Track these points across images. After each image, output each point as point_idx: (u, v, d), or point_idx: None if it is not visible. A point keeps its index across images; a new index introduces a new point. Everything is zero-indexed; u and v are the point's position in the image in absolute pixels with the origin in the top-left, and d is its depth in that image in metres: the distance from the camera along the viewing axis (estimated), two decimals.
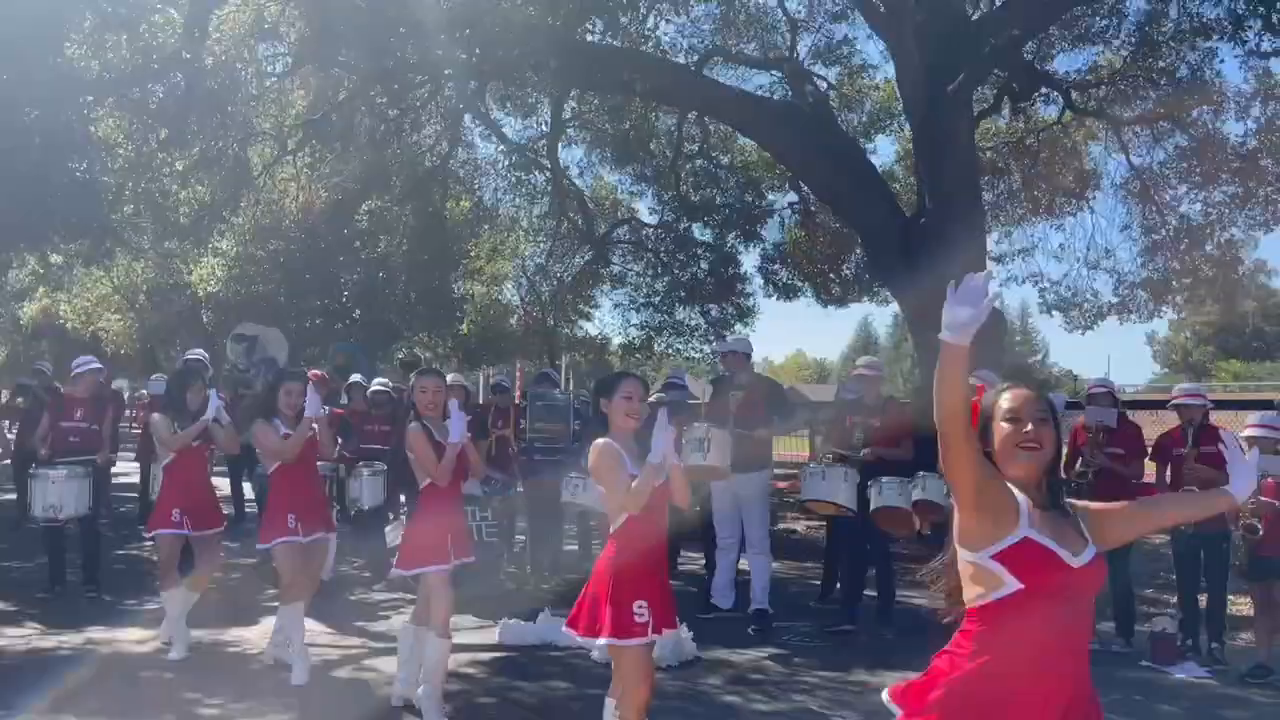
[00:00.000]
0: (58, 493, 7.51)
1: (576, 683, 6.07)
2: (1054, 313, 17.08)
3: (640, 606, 3.91)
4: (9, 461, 10.42)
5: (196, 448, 6.73)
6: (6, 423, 12.55)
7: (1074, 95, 15.31)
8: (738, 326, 20.39)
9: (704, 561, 8.82)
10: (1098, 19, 14.29)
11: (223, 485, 10.56)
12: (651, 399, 8.53)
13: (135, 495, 13.19)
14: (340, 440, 8.68)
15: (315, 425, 6.05)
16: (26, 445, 9.36)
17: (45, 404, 9.41)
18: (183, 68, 12.69)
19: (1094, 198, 16.85)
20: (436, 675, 5.25)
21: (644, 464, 3.95)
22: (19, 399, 11.80)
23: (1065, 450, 7.80)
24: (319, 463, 6.61)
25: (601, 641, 3.92)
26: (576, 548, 10.19)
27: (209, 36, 13.10)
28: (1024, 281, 17.81)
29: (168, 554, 6.54)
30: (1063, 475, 7.84)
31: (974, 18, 13.38)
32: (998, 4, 14.12)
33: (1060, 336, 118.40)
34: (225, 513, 7.53)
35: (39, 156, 10.87)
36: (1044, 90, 15.38)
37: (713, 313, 20.88)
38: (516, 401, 10.96)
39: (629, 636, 3.90)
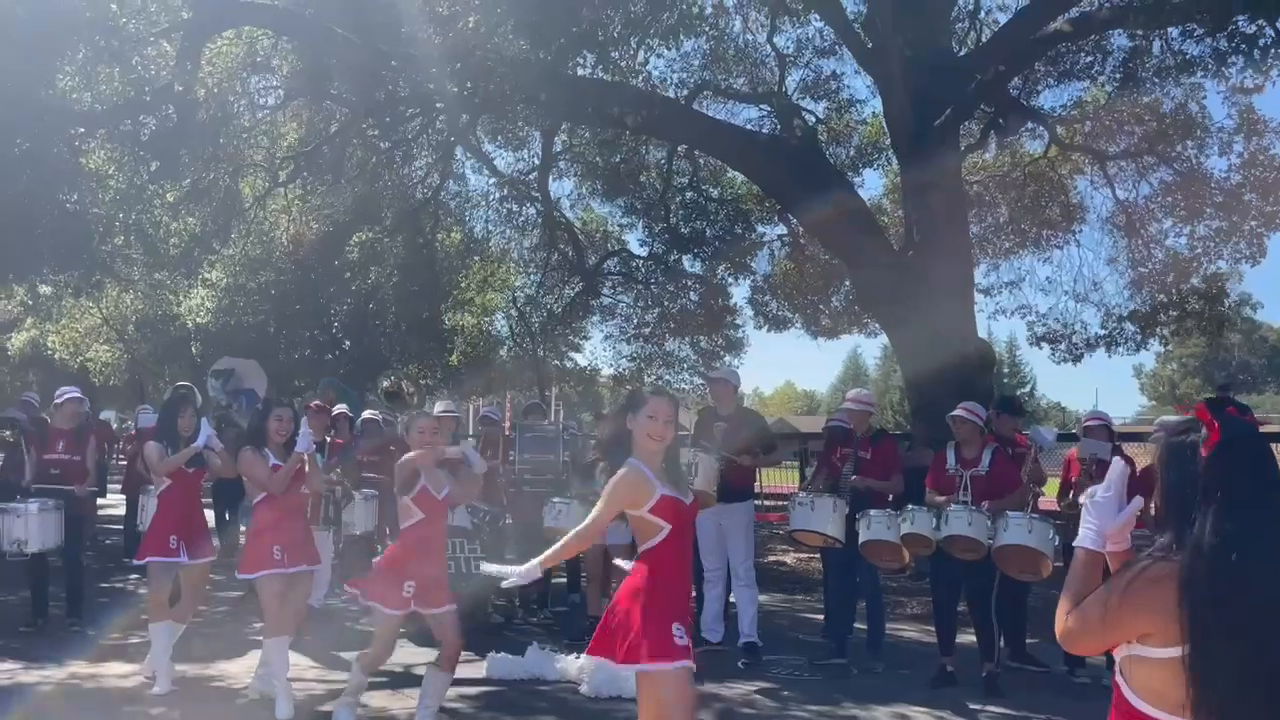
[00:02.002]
0: (23, 527, 7.40)
1: (565, 718, 6.01)
2: (1043, 345, 17.19)
3: (679, 629, 3.70)
4: None
5: (190, 475, 6.67)
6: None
7: (1060, 130, 15.49)
8: (727, 358, 20.44)
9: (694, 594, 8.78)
10: (1083, 55, 14.50)
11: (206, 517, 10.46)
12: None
13: (120, 528, 13.09)
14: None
15: (305, 459, 6.04)
16: (10, 478, 9.26)
17: (30, 436, 9.34)
18: (175, 100, 12.74)
19: (1080, 231, 17.04)
20: (433, 703, 5.53)
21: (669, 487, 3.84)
22: (5, 432, 11.71)
23: (1059, 482, 7.84)
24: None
25: (648, 667, 3.62)
26: (565, 580, 10.14)
27: (201, 69, 13.17)
28: (1011, 314, 17.94)
29: (159, 583, 6.48)
30: (1057, 506, 7.90)
31: (960, 54, 13.56)
32: (984, 40, 14.32)
33: (1048, 368, 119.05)
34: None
35: (29, 188, 10.88)
36: (1030, 125, 15.55)
37: (702, 344, 20.93)
38: (506, 433, 10.93)
39: (672, 660, 3.65)
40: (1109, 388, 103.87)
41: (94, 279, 14.59)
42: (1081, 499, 2.42)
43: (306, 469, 6.13)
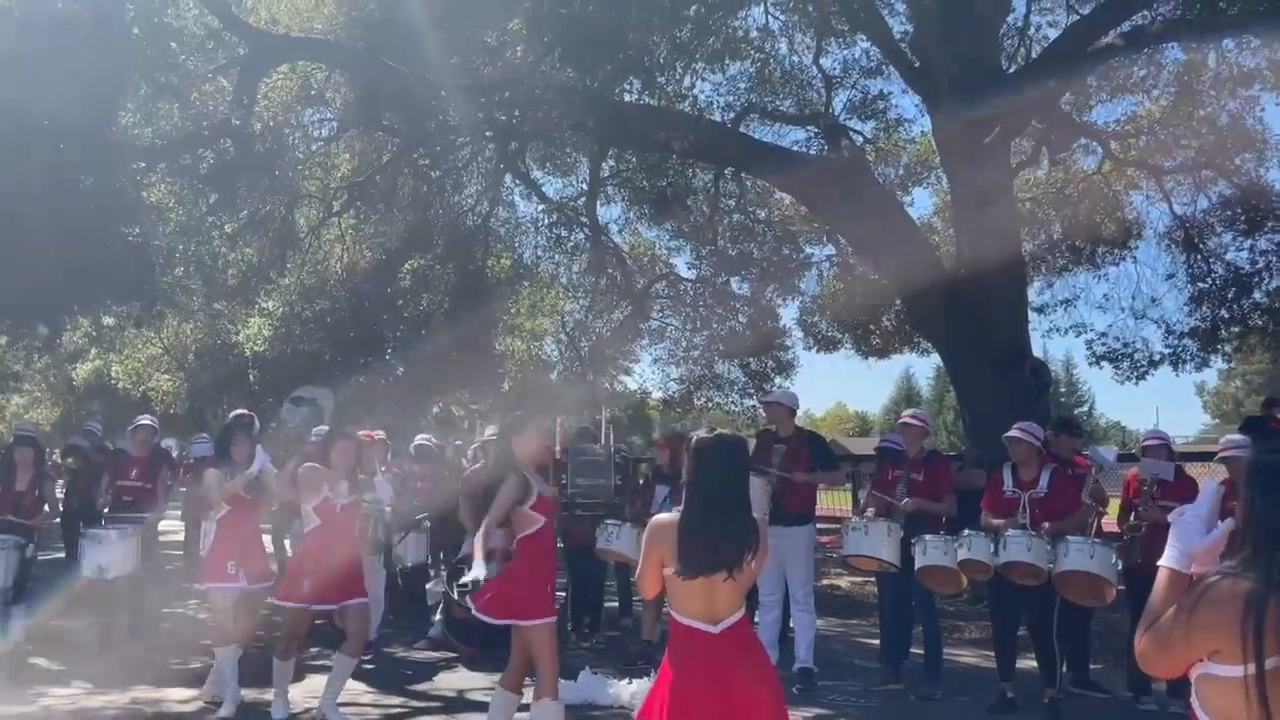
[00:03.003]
0: (107, 553, 7.54)
1: None
2: (1104, 364, 16.88)
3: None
4: (58, 520, 10.56)
5: (248, 502, 6.78)
6: (58, 483, 12.76)
7: (1114, 145, 15.27)
8: (777, 379, 20.32)
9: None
10: (1136, 69, 14.30)
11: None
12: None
13: (180, 553, 13.32)
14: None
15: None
16: (76, 505, 9.48)
17: (94, 464, 9.56)
18: (232, 134, 13.05)
19: (1137, 247, 16.72)
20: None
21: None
22: (69, 459, 12.00)
23: (1119, 503, 7.67)
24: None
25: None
26: (617, 604, 10.12)
27: (257, 103, 13.49)
28: (1067, 332, 17.64)
29: (221, 609, 6.59)
30: (1118, 527, 7.73)
31: (1010, 70, 13.44)
32: (1034, 56, 14.19)
33: (1106, 387, 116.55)
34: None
35: (93, 222, 11.17)
36: (1083, 140, 15.35)
37: (752, 366, 20.84)
38: (558, 457, 10.96)
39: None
40: (1170, 406, 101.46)
41: (155, 309, 14.95)
42: (1169, 517, 2.39)
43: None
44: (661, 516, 3.65)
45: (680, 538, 3.43)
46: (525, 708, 5.29)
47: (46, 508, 8.61)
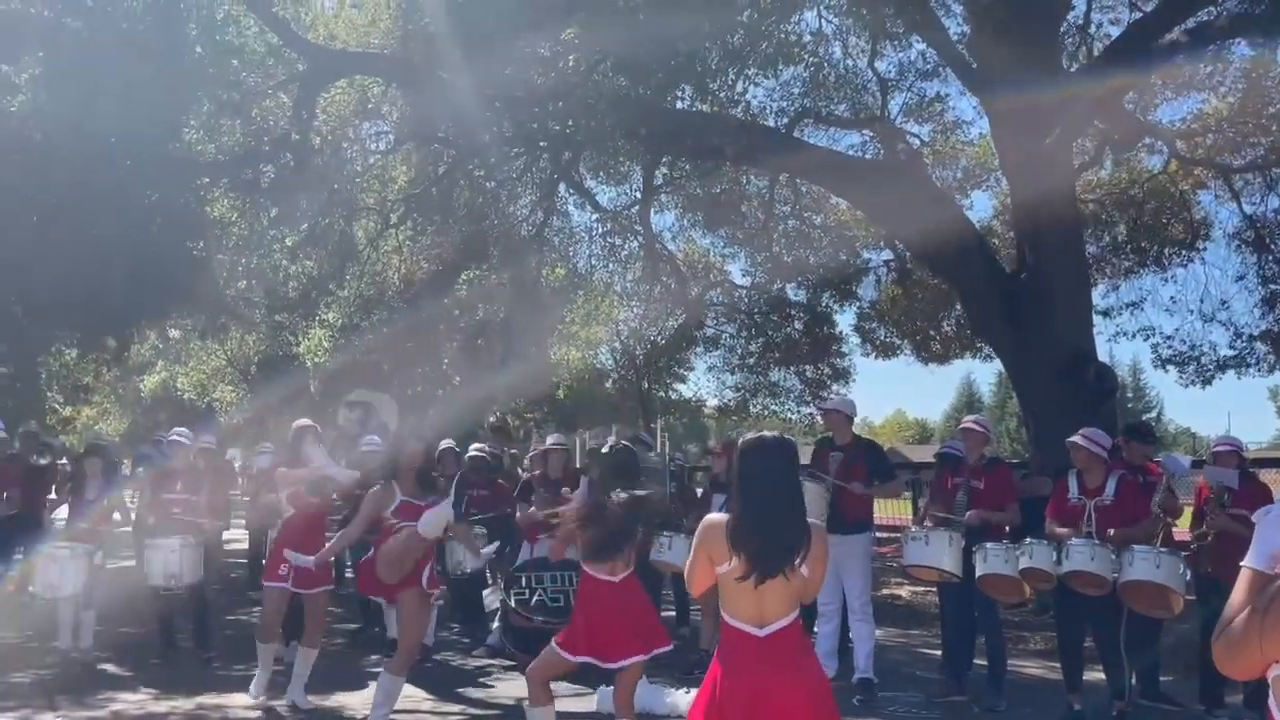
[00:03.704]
0: (177, 562, 7.67)
1: None
2: (1169, 368, 16.49)
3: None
4: (129, 529, 10.80)
5: (312, 505, 6.91)
6: (129, 492, 13.06)
7: (1179, 144, 14.91)
8: (835, 386, 20.15)
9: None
10: (1202, 66, 13.95)
11: None
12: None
13: (244, 561, 13.56)
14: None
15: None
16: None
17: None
18: (292, 148, 13.30)
19: (1205, 248, 16.32)
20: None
21: None
22: (139, 469, 12.28)
23: (1192, 510, 7.46)
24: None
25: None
26: (674, 613, 10.07)
27: (316, 118, 13.73)
28: (1134, 336, 17.26)
29: (271, 606, 6.83)
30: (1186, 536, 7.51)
31: (1071, 69, 13.19)
32: (1095, 55, 13.91)
33: (1176, 392, 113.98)
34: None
35: (159, 237, 11.46)
36: (1147, 140, 15.01)
37: (808, 373, 20.70)
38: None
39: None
40: (1242, 411, 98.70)
41: (219, 322, 15.29)
42: (1254, 517, 2.31)
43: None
44: (712, 516, 3.63)
45: (729, 540, 3.41)
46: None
47: (116, 516, 8.81)
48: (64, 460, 11.06)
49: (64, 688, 7.25)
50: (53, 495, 9.41)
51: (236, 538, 14.41)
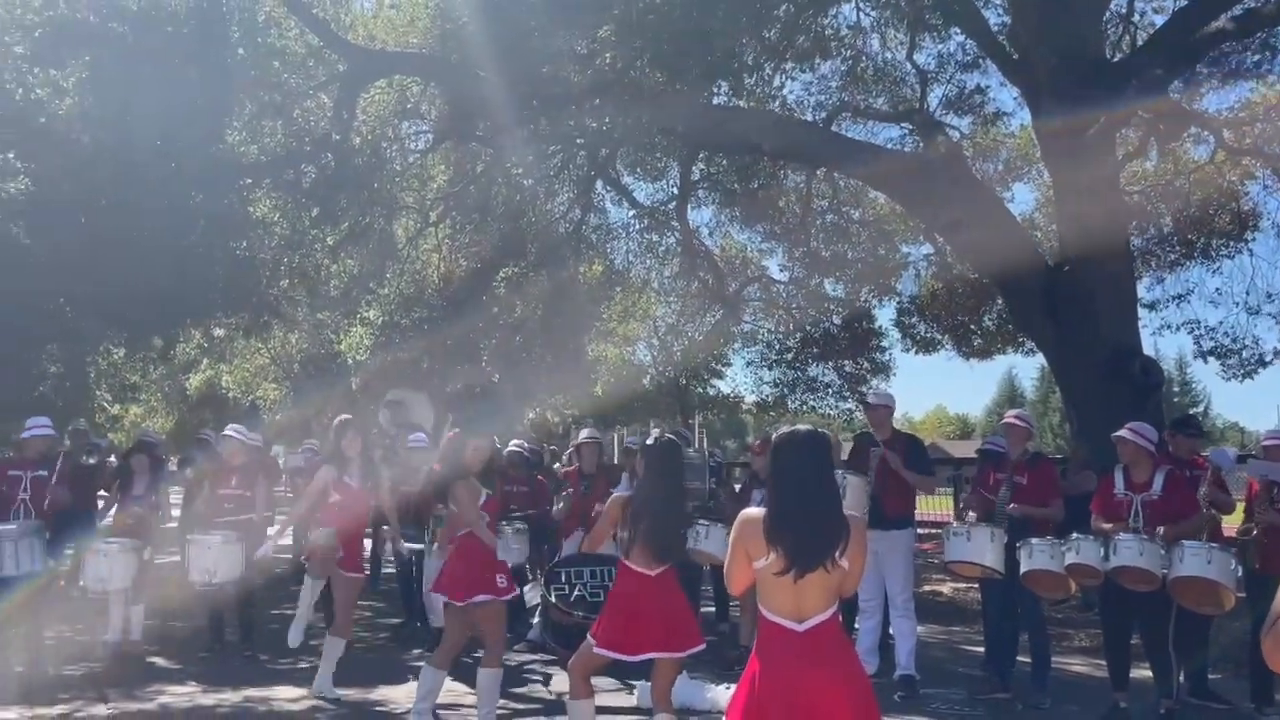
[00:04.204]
0: (213, 558, 7.77)
1: None
2: (1210, 359, 16.21)
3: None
4: (174, 525, 10.99)
5: (354, 492, 7.05)
6: (175, 488, 13.27)
7: (1226, 134, 14.63)
8: (874, 381, 20.00)
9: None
10: (1249, 54, 13.67)
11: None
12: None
13: (288, 557, 13.72)
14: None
15: None
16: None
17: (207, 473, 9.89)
18: (332, 148, 13.44)
19: (1253, 239, 16.00)
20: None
21: None
22: (187, 470, 12.47)
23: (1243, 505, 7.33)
24: None
25: None
26: (714, 608, 10.07)
27: (356, 118, 13.85)
28: (1179, 329, 16.99)
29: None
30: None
31: (1114, 59, 13.00)
32: (1139, 43, 13.70)
33: (1224, 386, 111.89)
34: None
35: (203, 237, 11.63)
36: (1193, 129, 14.75)
37: (847, 368, 20.57)
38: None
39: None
40: None
41: (262, 320, 15.47)
42: None
43: None
44: (749, 511, 3.60)
45: (766, 535, 3.39)
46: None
47: (162, 512, 8.97)
48: (112, 458, 11.24)
49: (114, 681, 7.39)
50: (104, 493, 9.58)
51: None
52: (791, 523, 3.39)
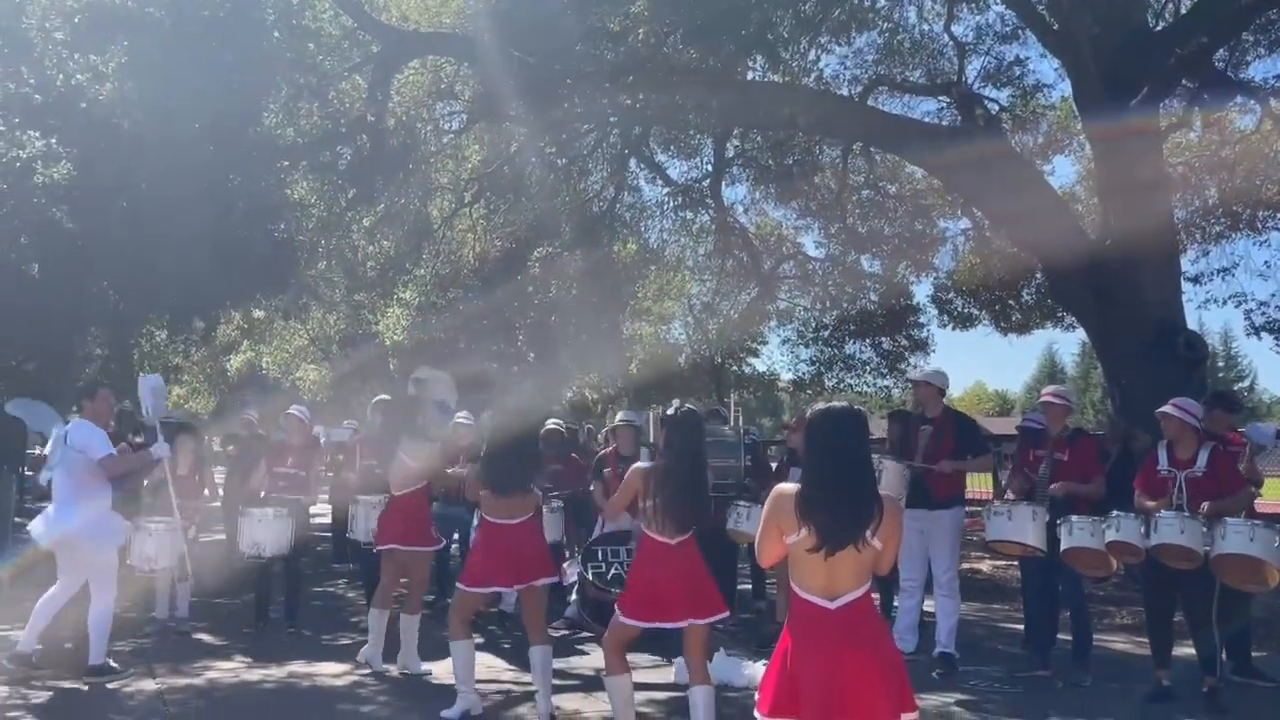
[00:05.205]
0: (263, 531, 7.98)
1: None
2: (1263, 335, 15.90)
3: None
4: (217, 504, 11.19)
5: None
6: (219, 468, 13.49)
7: (1273, 103, 14.29)
8: (912, 358, 19.85)
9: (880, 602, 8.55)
10: None
11: None
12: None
13: (329, 535, 13.92)
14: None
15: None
16: (236, 490, 9.99)
17: (253, 451, 10.05)
18: (368, 130, 13.50)
19: None
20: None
21: None
22: (230, 447, 12.66)
23: None
24: None
25: None
26: (750, 586, 10.09)
27: (391, 99, 13.89)
28: (1225, 302, 16.67)
29: (385, 573, 7.13)
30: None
31: (1156, 28, 12.72)
32: (1182, 11, 13.39)
33: (1271, 360, 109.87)
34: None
35: (242, 220, 11.75)
36: (1239, 99, 14.42)
37: (884, 345, 20.44)
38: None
39: None
40: None
41: (301, 302, 15.64)
42: None
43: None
44: (782, 486, 3.60)
45: (798, 511, 3.39)
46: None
47: (206, 491, 9.14)
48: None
49: (162, 656, 7.54)
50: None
51: (319, 512, 14.79)
52: (824, 500, 3.38)
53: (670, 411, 5.29)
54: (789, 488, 3.53)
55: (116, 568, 6.92)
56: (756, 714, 3.42)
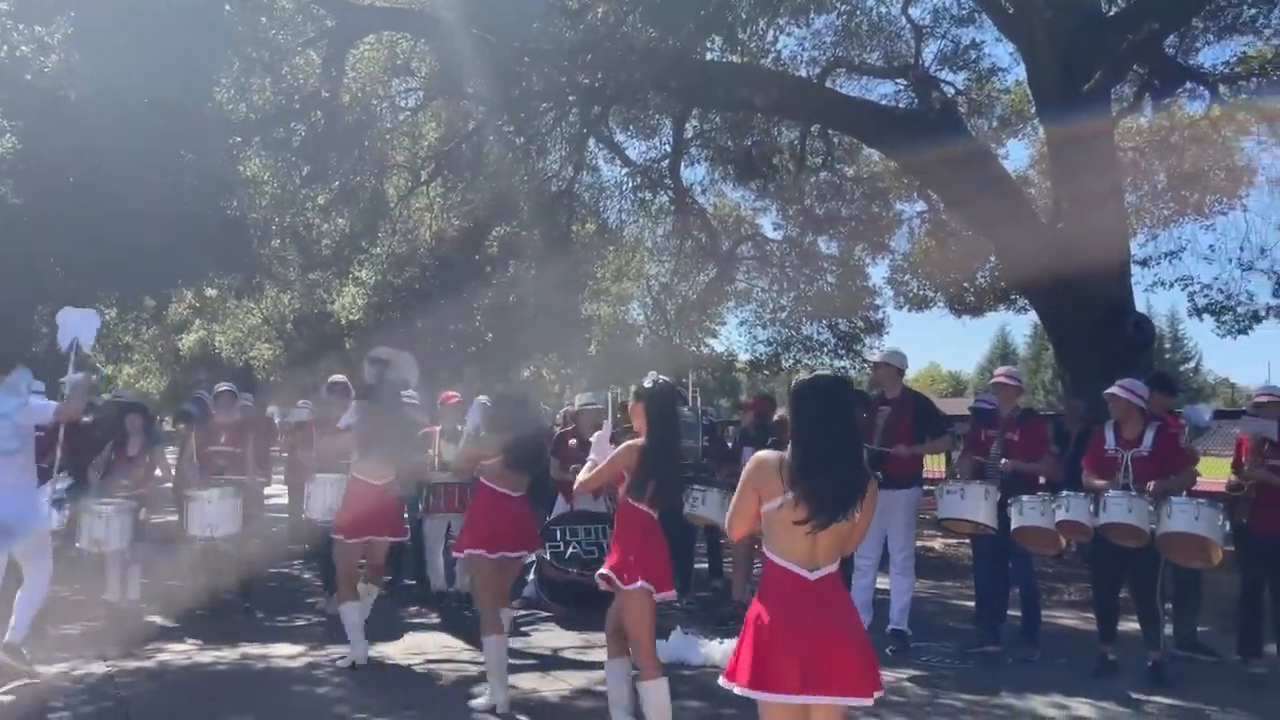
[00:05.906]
0: (213, 513, 7.80)
1: (710, 701, 6.03)
2: (1204, 316, 16.21)
3: None
4: (169, 485, 11.02)
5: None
6: (169, 448, 13.28)
7: (1222, 89, 14.54)
8: (867, 340, 20.02)
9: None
10: (1245, 8, 13.54)
11: None
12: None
13: (285, 516, 13.77)
14: None
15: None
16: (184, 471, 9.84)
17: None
18: (322, 106, 13.30)
19: (1248, 195, 15.97)
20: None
21: None
22: (181, 425, 12.46)
23: (1230, 463, 7.39)
24: None
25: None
26: (707, 565, 10.16)
27: (345, 75, 13.70)
28: (1171, 285, 16.96)
29: (343, 561, 6.84)
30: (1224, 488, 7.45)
31: (1109, 14, 12.88)
32: None
33: (1215, 343, 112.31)
34: None
35: (194, 196, 11.54)
36: (1189, 85, 14.66)
37: (841, 326, 20.58)
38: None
39: None
40: None
41: (254, 280, 15.40)
42: None
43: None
44: (764, 453, 3.48)
45: (790, 483, 3.32)
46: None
47: (158, 472, 8.97)
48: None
49: (113, 639, 7.44)
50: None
51: (276, 493, 14.62)
52: (817, 473, 3.30)
53: (648, 384, 5.29)
54: (771, 454, 3.44)
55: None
56: (734, 687, 3.35)
